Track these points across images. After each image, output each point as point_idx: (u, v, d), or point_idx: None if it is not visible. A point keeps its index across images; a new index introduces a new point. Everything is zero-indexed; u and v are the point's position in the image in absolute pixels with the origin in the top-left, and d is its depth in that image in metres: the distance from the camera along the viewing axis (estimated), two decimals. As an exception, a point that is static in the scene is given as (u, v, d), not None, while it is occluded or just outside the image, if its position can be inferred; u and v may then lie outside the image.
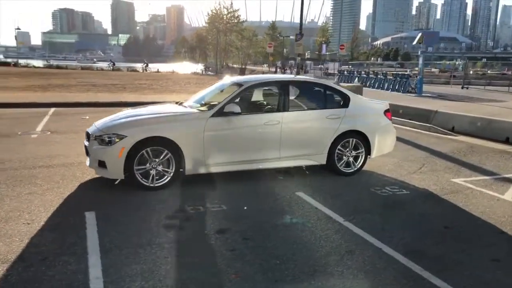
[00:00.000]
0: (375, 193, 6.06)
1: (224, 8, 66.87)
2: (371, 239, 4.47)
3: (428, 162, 7.99)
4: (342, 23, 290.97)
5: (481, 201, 5.83)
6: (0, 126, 10.49)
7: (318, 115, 6.70)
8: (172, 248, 4.10)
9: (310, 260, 3.96)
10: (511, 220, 5.15)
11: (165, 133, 5.70)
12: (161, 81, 30.67)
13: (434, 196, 6.02)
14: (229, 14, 67.67)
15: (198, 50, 74.61)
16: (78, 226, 4.52)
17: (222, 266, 3.80)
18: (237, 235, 4.48)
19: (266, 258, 3.98)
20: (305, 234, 4.56)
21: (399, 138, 10.15)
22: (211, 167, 6.06)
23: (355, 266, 3.89)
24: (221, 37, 67.03)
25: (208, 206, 5.30)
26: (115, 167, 5.58)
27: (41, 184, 5.92)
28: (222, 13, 67.65)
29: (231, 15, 68.16)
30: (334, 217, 5.05)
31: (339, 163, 6.74)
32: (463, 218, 5.22)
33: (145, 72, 49.64)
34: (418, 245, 4.37)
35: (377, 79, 30.09)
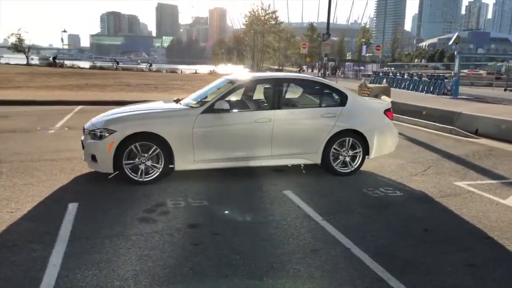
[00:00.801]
0: (366, 193, 5.91)
1: (262, 9, 67.04)
2: (343, 239, 4.36)
3: (436, 165, 7.68)
4: (386, 24, 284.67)
5: (477, 205, 5.55)
6: (24, 122, 11.00)
7: (312, 113, 6.60)
8: (138, 240, 4.17)
9: (271, 257, 3.91)
10: (503, 226, 4.88)
11: (154, 129, 5.80)
12: (195, 82, 31.13)
13: (428, 199, 5.79)
14: (267, 15, 67.76)
15: (235, 52, 75.27)
16: (58, 216, 4.68)
17: (180, 259, 3.83)
18: (207, 230, 4.50)
19: (227, 253, 3.97)
20: (276, 232, 4.51)
21: (414, 139, 9.91)
22: (201, 164, 6.11)
23: (315, 265, 3.81)
24: (258, 38, 67.31)
25: (190, 201, 5.35)
26: (105, 161, 5.73)
27: (39, 176, 6.16)
28: (260, 15, 67.84)
29: (269, 16, 68.23)
30: (313, 216, 4.97)
31: (335, 163, 6.62)
32: (449, 222, 4.99)
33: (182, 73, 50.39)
34: (391, 247, 4.23)
35: (412, 80, 29.23)
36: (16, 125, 10.52)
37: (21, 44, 58.83)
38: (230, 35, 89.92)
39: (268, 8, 67.55)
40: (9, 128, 10.04)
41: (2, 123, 10.75)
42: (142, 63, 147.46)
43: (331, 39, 44.09)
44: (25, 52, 59.04)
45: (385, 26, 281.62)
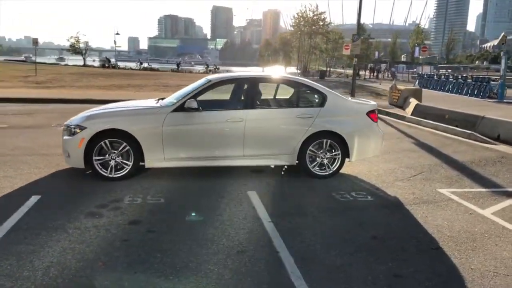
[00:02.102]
0: (333, 197, 5.71)
1: (309, 11, 66.45)
2: (277, 242, 4.24)
3: (430, 170, 7.28)
4: (447, 25, 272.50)
5: (447, 214, 5.21)
6: (44, 119, 11.62)
7: (286, 113, 6.47)
8: (73, 233, 4.28)
9: (192, 257, 3.88)
10: (462, 236, 4.55)
11: (122, 126, 5.92)
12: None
13: (396, 205, 5.51)
14: (315, 16, 67.10)
15: (281, 53, 75.10)
16: (13, 207, 4.88)
17: (100, 254, 3.88)
18: (146, 227, 4.53)
19: (150, 251, 3.98)
20: (213, 232, 4.46)
21: (423, 144, 9.47)
22: (172, 162, 6.16)
23: (231, 266, 3.74)
24: (305, 39, 66.79)
25: (148, 198, 5.42)
26: (76, 157, 5.93)
27: (22, 169, 6.49)
28: (308, 16, 67.30)
29: (317, 17, 67.53)
30: (263, 218, 4.87)
31: (312, 165, 6.44)
32: (404, 230, 4.71)
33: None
34: (322, 253, 4.06)
35: (456, 83, 27.86)
36: (34, 121, 11.14)
37: (78, 46, 62.04)
38: (277, 37, 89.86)
39: (316, 9, 66.79)
40: (26, 124, 10.65)
41: (22, 119, 11.42)
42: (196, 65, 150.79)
43: (384, 40, 41.87)
44: (82, 53, 62.24)
45: (445, 27, 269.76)
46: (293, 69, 69.12)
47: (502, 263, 3.97)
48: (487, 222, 5.01)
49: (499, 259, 4.05)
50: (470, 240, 4.46)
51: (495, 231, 4.74)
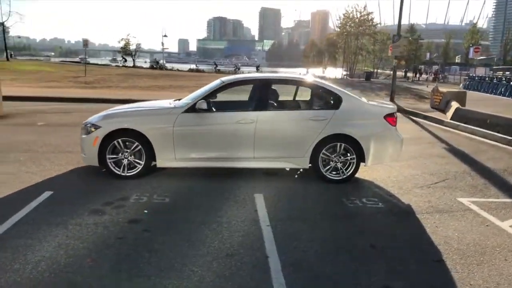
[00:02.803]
0: (342, 203, 5.53)
1: (357, 11, 65.25)
2: (269, 247, 4.16)
3: (455, 178, 6.90)
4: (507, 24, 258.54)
5: (460, 225, 4.91)
6: (80, 118, 12.01)
7: (298, 116, 6.35)
8: (72, 230, 4.39)
9: (179, 257, 3.88)
10: (471, 249, 4.26)
11: (135, 126, 6.04)
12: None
13: (408, 214, 5.25)
14: (362, 17, 65.83)
15: (326, 54, 74.12)
16: (25, 202, 5.09)
17: (93, 251, 3.96)
18: (142, 226, 4.58)
19: (141, 250, 4.01)
20: (208, 233, 4.44)
21: (455, 150, 9.05)
22: (182, 162, 6.22)
23: (215, 269, 3.70)
24: (351, 40, 65.69)
25: (154, 197, 5.48)
26: (91, 155, 6.11)
27: (45, 165, 6.77)
28: (355, 16, 66.10)
29: (364, 18, 66.21)
30: (262, 221, 4.80)
31: (325, 169, 6.28)
32: (407, 240, 4.48)
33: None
34: (313, 260, 3.93)
35: (509, 86, 26.40)
36: (70, 120, 11.62)
37: (129, 48, 64.32)
38: (322, 37, 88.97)
39: (363, 10, 65.49)
40: (61, 122, 11.13)
41: (60, 118, 11.95)
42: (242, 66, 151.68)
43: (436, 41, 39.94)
44: (132, 55, 64.46)
45: (505, 27, 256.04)
46: (339, 70, 68.02)
47: (507, 280, 3.68)
48: (503, 235, 4.67)
49: (505, 275, 3.76)
50: (478, 254, 4.17)
51: (508, 245, 4.41)
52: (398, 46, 19.43)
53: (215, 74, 48.37)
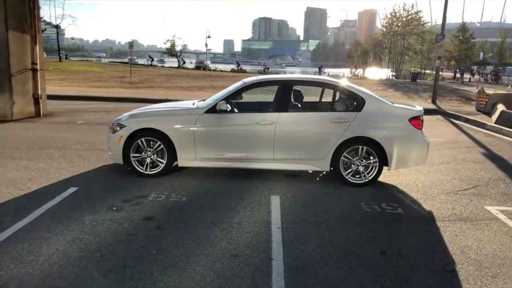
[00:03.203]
0: (359, 207, 5.41)
1: (404, 10, 63.50)
2: (277, 249, 4.15)
3: (486, 185, 6.59)
4: None
5: (482, 234, 4.68)
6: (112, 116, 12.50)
7: (319, 118, 6.26)
8: (88, 225, 4.56)
9: (184, 256, 3.94)
10: (489, 261, 4.06)
11: (157, 126, 6.19)
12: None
13: (428, 221, 5.07)
14: (409, 16, 63.99)
15: (371, 54, 72.50)
16: (50, 196, 5.35)
17: (103, 246, 4.10)
18: (156, 223, 4.69)
19: (149, 247, 4.11)
20: (218, 233, 4.48)
21: (494, 155, 8.66)
22: (203, 162, 6.30)
23: (218, 269, 3.73)
24: (398, 40, 64.01)
25: (172, 196, 5.59)
26: (116, 153, 6.32)
27: (75, 162, 7.07)
28: (402, 16, 64.38)
29: (412, 17, 64.33)
30: (274, 223, 4.78)
31: (346, 172, 6.17)
32: (422, 248, 4.31)
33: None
34: (319, 265, 3.87)
35: None
36: (109, 118, 11.98)
37: (174, 49, 65.87)
38: (367, 37, 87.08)
39: (411, 9, 63.64)
40: (100, 121, 11.57)
41: (99, 116, 12.42)
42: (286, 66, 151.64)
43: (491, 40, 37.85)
44: (177, 56, 65.98)
45: None
46: (385, 71, 66.33)
47: (522, 294, 3.47)
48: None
49: (520, 289, 3.54)
50: (496, 266, 3.96)
51: (531, 257, 4.15)
52: (441, 46, 18.72)
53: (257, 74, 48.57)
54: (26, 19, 11.33)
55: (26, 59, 11.43)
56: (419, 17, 64.20)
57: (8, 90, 10.96)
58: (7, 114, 11.03)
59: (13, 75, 11.00)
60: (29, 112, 11.68)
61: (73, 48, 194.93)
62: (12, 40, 10.89)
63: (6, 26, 10.70)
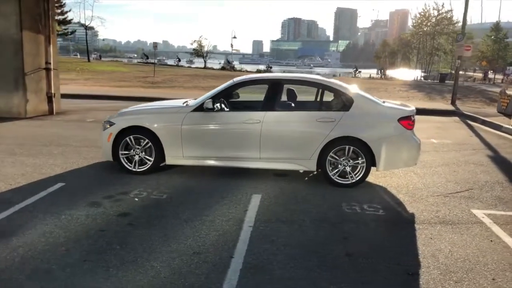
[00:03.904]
0: (339, 208, 5.32)
1: (434, 9, 62.02)
2: (241, 247, 4.13)
3: (481, 188, 6.37)
4: None
5: (461, 238, 4.52)
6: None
7: (305, 117, 6.19)
8: (62, 220, 4.65)
9: (146, 252, 3.97)
10: (459, 266, 3.92)
11: (145, 123, 6.27)
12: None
13: (406, 223, 4.94)
14: (440, 15, 62.47)
15: (399, 54, 71.04)
16: (36, 191, 5.50)
17: (71, 240, 4.17)
18: (129, 220, 4.75)
19: (115, 242, 4.17)
20: (186, 231, 4.50)
21: (503, 158, 8.59)
22: (190, 160, 6.34)
23: (175, 266, 3.74)
24: (427, 40, 62.57)
25: (154, 193, 5.65)
26: (106, 150, 6.44)
27: (71, 158, 7.25)
28: (432, 15, 62.90)
29: (442, 16, 62.79)
30: (247, 222, 4.77)
31: (333, 172, 6.08)
32: (391, 251, 4.20)
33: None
34: (279, 264, 3.83)
35: None
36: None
37: (200, 49, 66.58)
38: (395, 37, 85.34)
39: (441, 8, 62.09)
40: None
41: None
42: (314, 67, 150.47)
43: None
44: (203, 56, 66.65)
45: None
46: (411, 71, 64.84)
47: (481, 301, 3.33)
48: (504, 252, 4.23)
49: (481, 296, 3.41)
50: (463, 271, 3.82)
51: (505, 263, 3.98)
52: (461, 46, 18.17)
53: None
54: (41, 20, 11.69)
55: (40, 58, 11.79)
56: (450, 16, 62.48)
57: (22, 88, 11.33)
58: (21, 111, 11.41)
59: (27, 74, 11.37)
60: (43, 110, 12.05)
61: (105, 49, 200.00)
62: (27, 40, 11.26)
63: (21, 26, 11.07)
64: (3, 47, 11.09)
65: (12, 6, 10.96)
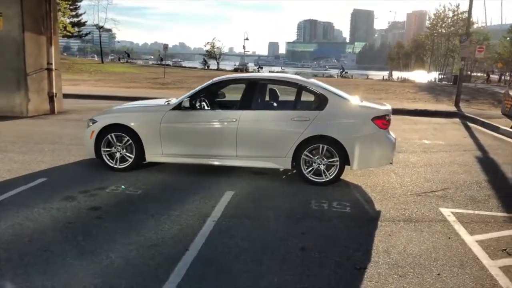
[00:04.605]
0: (307, 205, 5.42)
1: (449, 10, 61.29)
2: (199, 241, 4.26)
3: (457, 188, 6.39)
4: None
5: (418, 235, 4.59)
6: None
7: (280, 116, 6.29)
8: (34, 212, 4.85)
9: (106, 244, 4.13)
10: (408, 261, 3.99)
11: (126, 121, 6.45)
12: (347, 87, 30.58)
13: (369, 220, 5.01)
14: (455, 16, 61.71)
15: (413, 56, 70.26)
16: (16, 186, 5.70)
17: (38, 232, 4.36)
18: (99, 213, 4.91)
19: (80, 233, 4.33)
20: (152, 224, 4.64)
21: (490, 159, 8.38)
22: (169, 157, 6.51)
23: (130, 257, 3.87)
24: (441, 41, 61.86)
25: (130, 188, 5.82)
26: (88, 147, 6.65)
27: (59, 155, 7.47)
28: (447, 16, 62.16)
29: (458, 17, 62.01)
30: (212, 217, 4.89)
31: (307, 170, 6.17)
32: (346, 246, 4.27)
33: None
34: (231, 257, 3.95)
35: None
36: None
37: (213, 51, 67.01)
38: (409, 39, 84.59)
39: (456, 9, 61.33)
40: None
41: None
42: (330, 69, 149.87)
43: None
44: (216, 58, 67.08)
45: None
46: (429, 73, 64.14)
47: (418, 295, 3.39)
48: (458, 249, 4.27)
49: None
50: (412, 266, 3.89)
51: (455, 260, 4.04)
52: (466, 47, 18.00)
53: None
54: (43, 22, 12.03)
55: (42, 59, 12.13)
56: (465, 17, 61.58)
57: (24, 88, 11.67)
58: (23, 111, 11.75)
59: (29, 74, 11.71)
60: (44, 109, 12.38)
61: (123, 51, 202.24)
62: (28, 41, 11.60)
63: (23, 28, 11.41)
64: (5, 48, 11.45)
65: (15, 9, 11.31)
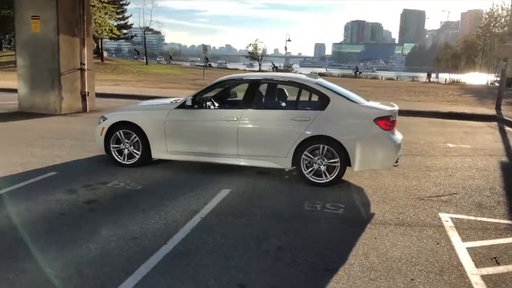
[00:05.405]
0: (300, 206, 5.36)
1: (503, 10, 58.34)
2: (179, 236, 4.32)
3: (466, 193, 6.12)
4: None
5: (406, 240, 4.44)
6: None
7: (281, 115, 6.26)
8: (34, 203, 5.12)
9: (89, 235, 4.28)
10: (384, 266, 3.87)
11: (133, 119, 6.66)
12: (385, 89, 29.85)
13: (360, 223, 4.89)
14: (508, 16, 58.58)
15: (463, 58, 67.13)
16: (26, 179, 6.03)
17: (30, 222, 4.60)
18: (92, 206, 5.11)
19: (68, 225, 4.53)
20: (139, 218, 4.77)
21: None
22: (173, 155, 6.65)
23: (108, 248, 4.00)
24: (495, 42, 58.93)
25: (131, 184, 6.00)
26: (99, 143, 6.92)
27: (76, 151, 7.81)
28: (500, 15, 59.21)
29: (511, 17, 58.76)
30: (200, 213, 4.96)
31: (307, 171, 6.11)
32: (325, 247, 4.20)
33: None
34: (204, 252, 3.99)
35: None
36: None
37: (256, 53, 67.41)
38: (458, 39, 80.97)
39: (510, 8, 58.15)
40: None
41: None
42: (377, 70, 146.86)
43: None
44: (258, 59, 67.43)
45: None
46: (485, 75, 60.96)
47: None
48: (443, 255, 4.10)
49: (386, 294, 3.36)
50: (386, 269, 3.77)
51: (435, 266, 3.88)
52: (508, 47, 17.07)
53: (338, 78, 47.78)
54: (77, 25, 12.61)
55: (75, 60, 12.71)
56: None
57: (58, 87, 12.28)
58: (57, 108, 12.36)
59: (62, 74, 12.30)
60: (77, 108, 12.96)
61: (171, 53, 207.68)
62: (63, 43, 12.19)
63: (58, 31, 12.01)
64: (41, 49, 12.11)
65: (51, 13, 11.93)
